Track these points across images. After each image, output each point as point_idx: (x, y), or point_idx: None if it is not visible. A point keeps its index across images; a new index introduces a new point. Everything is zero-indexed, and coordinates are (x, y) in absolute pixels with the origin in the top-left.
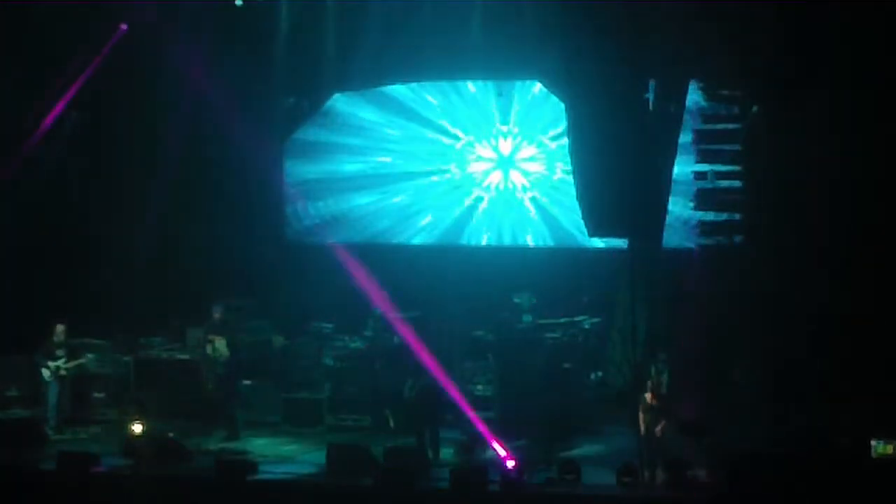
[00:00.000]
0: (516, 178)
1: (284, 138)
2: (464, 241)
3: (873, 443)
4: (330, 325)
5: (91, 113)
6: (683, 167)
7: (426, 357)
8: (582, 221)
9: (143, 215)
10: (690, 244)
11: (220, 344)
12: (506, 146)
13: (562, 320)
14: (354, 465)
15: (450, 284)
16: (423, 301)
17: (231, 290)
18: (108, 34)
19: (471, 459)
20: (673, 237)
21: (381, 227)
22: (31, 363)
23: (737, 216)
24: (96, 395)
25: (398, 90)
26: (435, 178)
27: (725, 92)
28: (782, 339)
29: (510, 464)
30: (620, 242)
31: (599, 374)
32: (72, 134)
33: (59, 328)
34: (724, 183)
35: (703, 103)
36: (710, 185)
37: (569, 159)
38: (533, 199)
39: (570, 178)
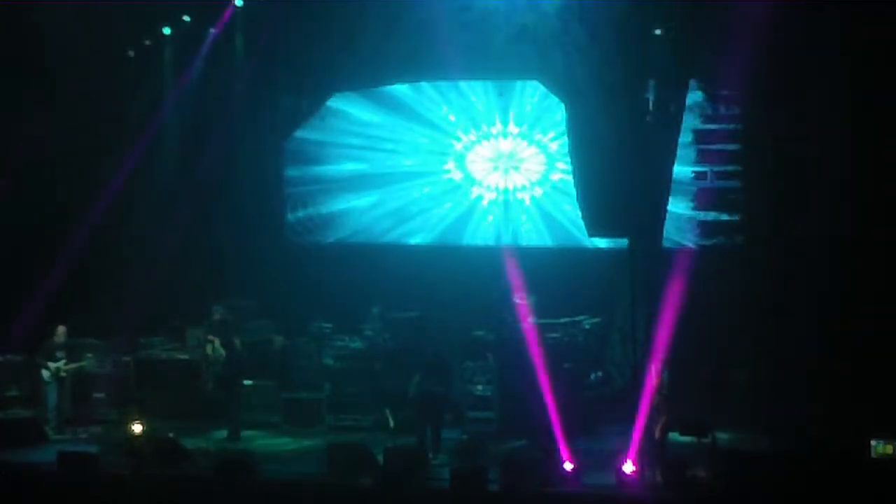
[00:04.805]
0: (516, 178)
1: (284, 138)
2: (464, 241)
3: (873, 443)
4: (330, 325)
5: (90, 113)
6: (683, 167)
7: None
8: (582, 221)
9: (144, 215)
10: (690, 244)
11: (220, 344)
12: (506, 146)
13: (562, 320)
14: (354, 465)
15: (450, 284)
16: (424, 301)
17: (231, 290)
18: None
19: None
20: (673, 237)
21: (381, 227)
22: (32, 363)
23: (737, 216)
24: (96, 395)
25: (398, 90)
26: (435, 178)
27: (725, 92)
28: (782, 339)
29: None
30: (620, 242)
31: (599, 374)
32: (71, 135)
33: (60, 329)
34: (724, 183)
35: (703, 103)
36: (710, 185)
37: (569, 159)
38: (533, 199)
39: (570, 178)
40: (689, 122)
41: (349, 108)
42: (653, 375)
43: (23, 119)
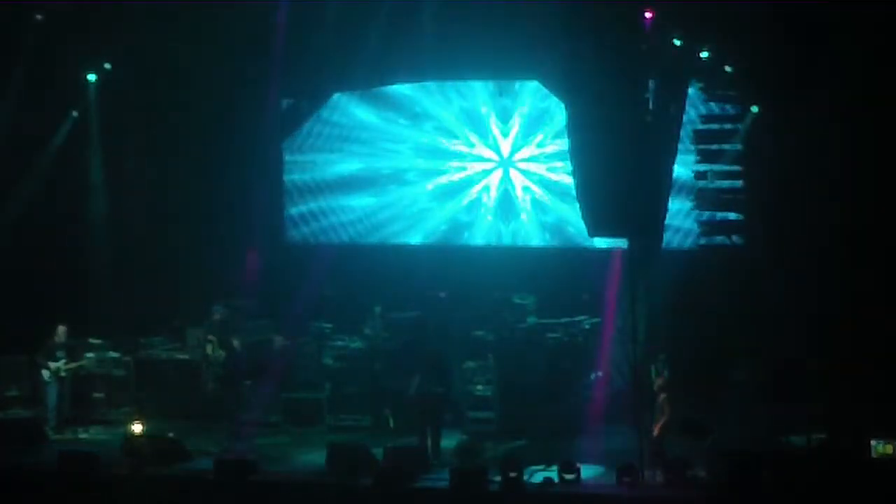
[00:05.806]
0: (516, 178)
1: (284, 138)
2: (464, 241)
3: (873, 443)
4: (330, 325)
5: (90, 113)
6: (683, 167)
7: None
8: (582, 221)
9: (144, 215)
10: (690, 244)
11: (220, 344)
12: (506, 146)
13: (562, 320)
14: (354, 465)
15: (450, 284)
16: (424, 301)
17: (231, 290)
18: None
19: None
20: (673, 237)
21: (381, 228)
22: (32, 363)
23: (737, 216)
24: (96, 395)
25: (398, 90)
26: (435, 178)
27: (725, 92)
28: (782, 339)
29: None
30: (620, 242)
31: (599, 373)
32: (71, 135)
33: (61, 329)
34: (724, 183)
35: (703, 103)
36: (710, 185)
37: (569, 159)
38: (533, 200)
39: (570, 178)
40: (689, 122)
41: (349, 108)
42: (653, 375)
43: (23, 119)
